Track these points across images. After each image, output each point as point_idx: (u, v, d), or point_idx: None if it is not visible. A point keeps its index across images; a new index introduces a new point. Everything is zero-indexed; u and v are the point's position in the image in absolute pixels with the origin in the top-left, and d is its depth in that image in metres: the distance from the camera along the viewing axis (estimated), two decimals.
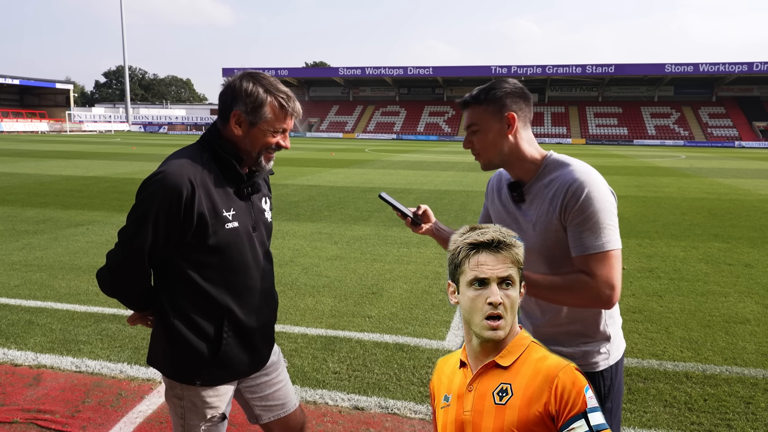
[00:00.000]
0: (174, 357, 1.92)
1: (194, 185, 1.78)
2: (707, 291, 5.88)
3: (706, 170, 23.71)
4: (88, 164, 21.39)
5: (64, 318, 4.80)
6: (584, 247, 1.64)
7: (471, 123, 1.81)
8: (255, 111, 1.83)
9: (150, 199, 1.77)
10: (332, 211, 10.85)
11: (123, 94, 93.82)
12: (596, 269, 1.63)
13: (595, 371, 1.78)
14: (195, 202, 1.77)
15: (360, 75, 72.89)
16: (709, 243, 8.33)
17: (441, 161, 27.50)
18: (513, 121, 1.75)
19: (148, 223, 1.77)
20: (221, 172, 1.88)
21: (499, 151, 1.78)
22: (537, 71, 66.98)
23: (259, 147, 1.88)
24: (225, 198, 1.87)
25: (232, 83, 1.86)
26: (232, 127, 1.86)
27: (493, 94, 1.76)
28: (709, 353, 4.26)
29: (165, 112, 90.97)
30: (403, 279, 6.20)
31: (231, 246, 1.88)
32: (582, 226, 1.64)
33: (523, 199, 1.81)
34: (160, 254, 1.84)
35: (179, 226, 1.78)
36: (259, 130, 1.85)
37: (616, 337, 1.81)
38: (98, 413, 3.28)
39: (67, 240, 7.90)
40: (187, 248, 1.83)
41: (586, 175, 1.67)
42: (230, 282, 1.90)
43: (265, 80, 1.86)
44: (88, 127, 74.22)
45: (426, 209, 2.04)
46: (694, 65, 62.89)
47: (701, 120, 67.30)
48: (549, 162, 1.78)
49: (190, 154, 1.86)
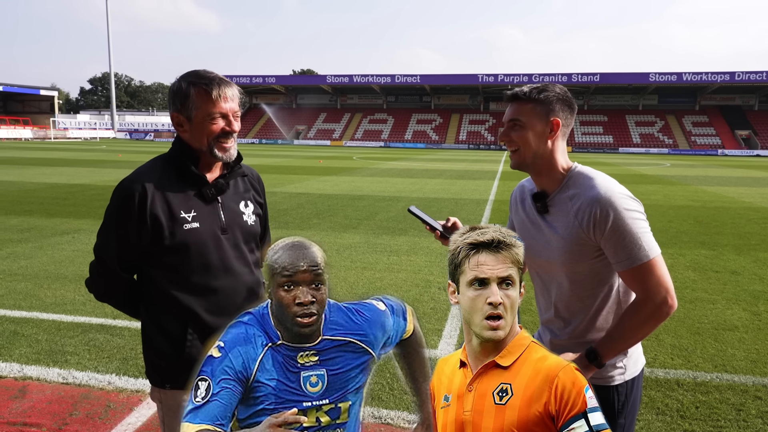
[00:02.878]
0: (149, 361, 2.02)
1: (146, 189, 1.86)
2: (695, 298, 5.93)
3: (691, 178, 24.00)
4: (73, 172, 21.16)
5: (50, 328, 4.72)
6: (629, 262, 1.66)
7: (515, 118, 1.78)
8: (184, 105, 1.89)
9: (109, 209, 1.92)
10: (321, 219, 10.81)
11: (108, 101, 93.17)
12: (645, 280, 1.66)
13: (610, 385, 1.77)
14: (147, 205, 1.85)
15: (347, 83, 73.01)
16: (696, 250, 8.41)
17: (429, 169, 27.57)
18: (557, 128, 1.75)
19: (111, 230, 1.90)
20: (179, 176, 1.94)
21: (534, 152, 1.77)
22: (523, 79, 67.46)
23: (206, 138, 1.90)
24: (183, 200, 1.92)
25: (169, 89, 1.96)
26: (178, 129, 1.94)
27: (546, 96, 1.75)
28: (699, 360, 4.29)
29: (151, 119, 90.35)
30: (393, 287, 6.18)
31: (191, 247, 1.90)
32: (619, 242, 1.66)
33: (548, 210, 1.81)
34: (128, 258, 1.92)
35: (135, 228, 1.86)
36: (197, 121, 1.89)
37: (633, 353, 1.81)
38: (86, 426, 3.22)
39: (53, 249, 7.79)
40: (151, 252, 1.90)
41: (610, 191, 1.68)
42: (194, 283, 1.92)
43: (191, 74, 1.91)
44: (72, 134, 73.42)
45: (455, 221, 2.04)
46: (677, 74, 63.80)
47: (685, 128, 68.18)
48: (573, 174, 1.78)
49: (151, 163, 1.98)
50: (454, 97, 78.35)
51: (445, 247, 5.63)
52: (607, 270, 1.75)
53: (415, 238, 9.05)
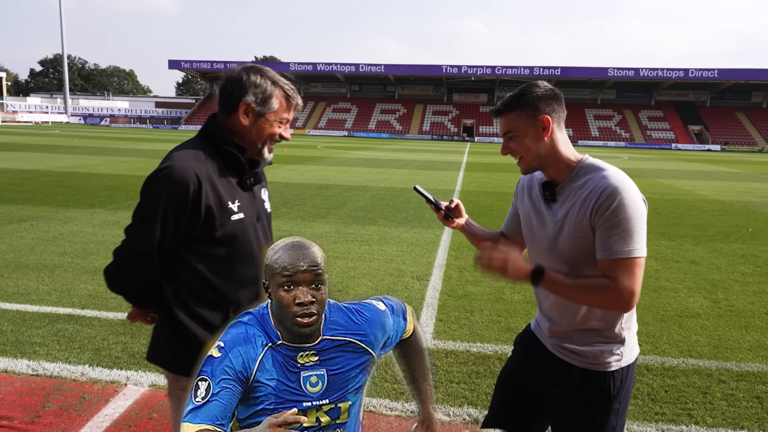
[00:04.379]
0: (179, 350, 1.92)
1: (200, 179, 1.78)
2: (659, 287, 6.15)
3: (648, 171, 24.76)
4: (26, 157, 20.33)
5: (14, 319, 4.55)
6: (611, 251, 1.67)
7: (507, 130, 1.81)
8: (264, 102, 1.87)
9: (157, 196, 1.78)
10: (289, 208, 10.72)
11: (61, 84, 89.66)
12: (620, 274, 1.66)
13: (607, 371, 1.82)
14: (202, 196, 1.78)
15: (311, 71, 72.29)
16: (657, 241, 8.70)
17: (394, 159, 27.61)
18: (548, 124, 1.76)
19: (156, 219, 1.78)
20: (224, 163, 1.89)
21: (537, 154, 1.79)
22: (486, 72, 68.19)
23: (265, 137, 1.91)
24: (230, 190, 1.88)
25: (237, 76, 1.88)
26: (239, 117, 1.88)
27: (526, 99, 1.76)
28: (666, 346, 4.46)
29: (107, 104, 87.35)
30: (367, 277, 6.20)
31: (238, 237, 1.89)
32: (612, 230, 1.66)
33: (555, 199, 1.82)
34: (169, 249, 1.84)
35: (187, 221, 1.79)
36: (266, 120, 1.89)
37: (630, 341, 1.86)
38: (61, 418, 3.13)
39: (10, 236, 7.49)
40: (194, 241, 1.84)
41: (621, 182, 1.69)
42: (238, 273, 1.91)
43: (269, 73, 1.91)
44: (22, 117, 70.50)
45: (458, 204, 2.07)
46: (635, 70, 65.56)
47: (641, 123, 70.23)
48: (584, 165, 1.80)
49: (193, 148, 1.87)
50: (418, 88, 78.52)
51: (416, 237, 5.71)
52: None
53: (385, 227, 9.07)
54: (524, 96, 1.77)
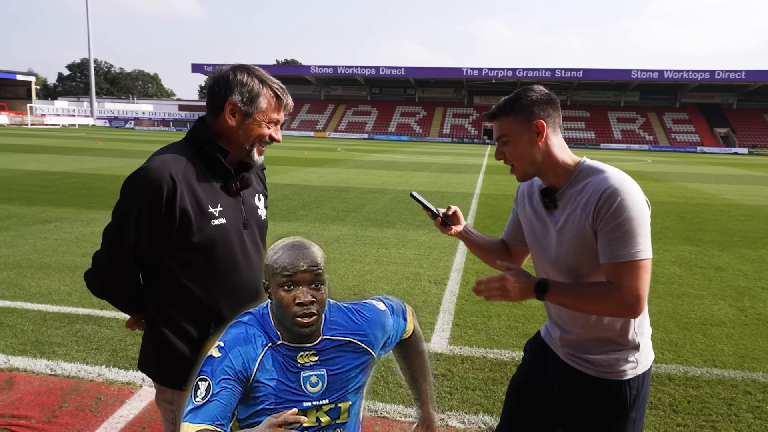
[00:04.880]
0: (161, 361, 1.88)
1: (176, 181, 1.73)
2: (682, 293, 6.01)
3: (672, 174, 24.33)
4: (53, 159, 20.73)
5: (35, 319, 4.61)
6: (614, 255, 1.61)
7: (501, 135, 1.77)
8: (251, 101, 1.79)
9: (131, 197, 1.74)
10: (308, 211, 10.74)
11: (88, 88, 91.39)
12: (624, 279, 1.60)
13: (622, 380, 1.76)
14: (177, 198, 1.72)
15: (332, 74, 72.52)
16: (681, 246, 8.52)
17: (414, 161, 27.56)
18: (542, 129, 1.72)
19: (131, 220, 1.73)
20: (207, 167, 1.83)
21: (532, 160, 1.75)
22: (508, 74, 67.75)
23: (253, 138, 1.84)
24: (211, 194, 1.81)
25: (224, 74, 1.81)
26: (226, 117, 1.80)
27: (520, 104, 1.72)
28: (689, 355, 4.34)
29: (131, 107, 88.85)
30: (384, 280, 6.16)
31: (218, 243, 1.82)
32: (613, 233, 1.61)
33: (556, 206, 1.77)
34: (146, 253, 1.79)
35: (162, 222, 1.73)
36: (254, 120, 1.81)
37: (645, 347, 1.80)
38: (77, 418, 3.15)
39: (35, 237, 7.62)
40: (173, 247, 1.78)
41: (621, 182, 1.64)
42: (218, 282, 1.84)
43: (258, 72, 1.83)
44: (50, 120, 71.99)
45: (456, 210, 2.03)
46: (659, 72, 64.54)
47: (665, 125, 69.09)
48: (582, 168, 1.75)
49: (175, 150, 1.82)
50: (439, 90, 78.34)
51: (434, 241, 5.66)
52: None
53: (403, 230, 9.03)
54: (519, 100, 1.73)
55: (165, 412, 1.94)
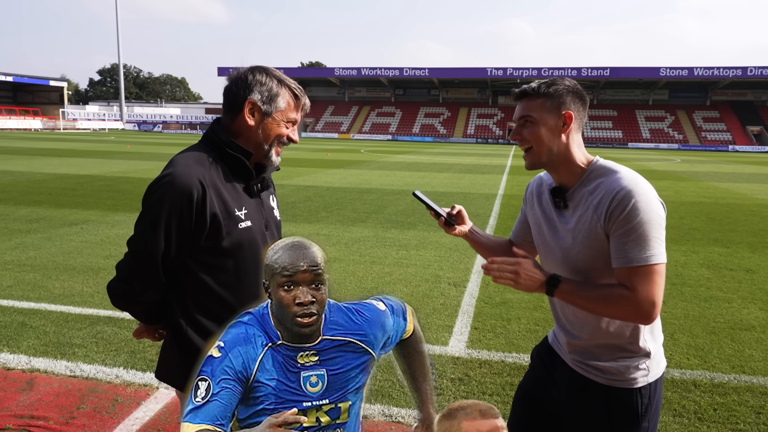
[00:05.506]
0: (188, 368, 1.83)
1: (204, 185, 1.70)
2: (710, 296, 5.83)
3: (702, 174, 23.75)
4: (82, 162, 21.20)
5: (58, 320, 4.69)
6: (627, 259, 1.55)
7: (525, 114, 1.69)
8: (271, 100, 1.79)
9: (159, 204, 1.69)
10: (330, 212, 10.76)
11: (117, 92, 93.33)
12: (638, 283, 1.54)
13: (633, 388, 1.69)
14: (207, 203, 1.70)
15: (355, 75, 72.77)
16: (709, 248, 8.29)
17: (437, 162, 27.44)
18: (570, 121, 1.66)
19: (159, 229, 1.69)
20: (229, 169, 1.81)
21: (549, 148, 1.68)
22: (533, 73, 67.03)
23: (272, 138, 1.83)
24: (236, 196, 1.80)
25: (242, 75, 1.80)
26: (245, 117, 1.79)
27: (555, 89, 1.66)
28: (716, 361, 4.20)
29: (159, 111, 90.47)
30: (403, 282, 6.12)
31: (245, 246, 1.81)
32: (626, 236, 1.55)
33: (566, 206, 1.71)
34: (174, 261, 1.75)
35: (192, 230, 1.71)
36: (273, 120, 1.81)
37: (656, 354, 1.73)
38: (93, 420, 3.18)
39: (61, 239, 7.77)
40: (200, 252, 1.76)
41: (635, 184, 1.57)
42: (247, 285, 1.83)
43: (275, 72, 1.83)
44: (81, 125, 73.65)
45: (460, 210, 1.98)
46: (689, 69, 63.17)
47: (695, 124, 67.58)
48: (595, 168, 1.69)
49: (196, 153, 1.79)
50: (463, 91, 77.95)
51: (455, 242, 5.57)
52: None
53: (424, 232, 8.97)
54: (554, 85, 1.67)
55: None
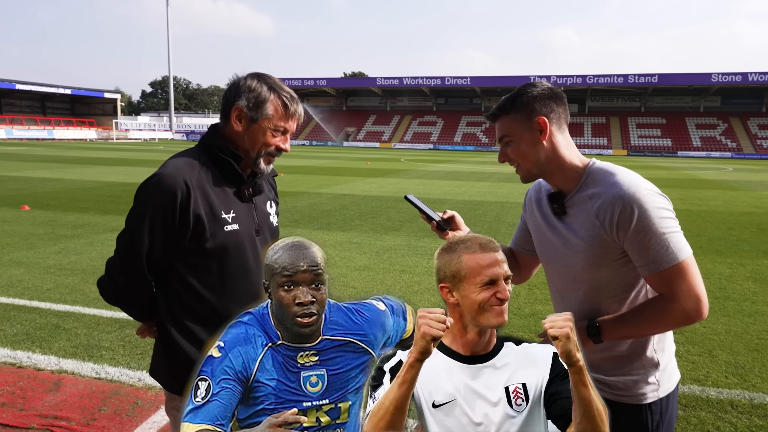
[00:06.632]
0: (171, 368, 1.87)
1: (189, 187, 1.73)
2: (755, 312, 5.53)
3: (755, 183, 22.72)
4: (130, 171, 21.94)
5: (90, 323, 4.82)
6: (656, 265, 1.49)
7: (503, 134, 1.67)
8: (257, 107, 1.78)
9: (145, 203, 1.75)
10: (364, 221, 10.77)
11: (167, 104, 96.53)
12: (674, 285, 1.48)
13: (642, 404, 1.61)
14: (191, 204, 1.72)
15: (397, 85, 73.08)
16: (758, 260, 7.88)
17: (477, 171, 27.19)
18: (545, 126, 1.60)
19: (144, 226, 1.74)
20: (220, 172, 1.83)
21: (536, 160, 1.63)
22: (577, 81, 65.82)
23: (259, 146, 1.82)
24: (224, 199, 1.81)
25: (236, 81, 1.82)
26: (232, 123, 1.80)
27: (520, 100, 1.62)
28: (757, 380, 3.96)
29: (207, 121, 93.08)
30: (431, 291, 6.04)
31: (231, 249, 1.81)
32: (645, 243, 1.49)
33: (565, 212, 1.65)
34: (159, 259, 1.79)
35: (175, 229, 1.73)
36: (260, 127, 1.80)
37: (667, 365, 1.64)
38: (113, 422, 3.24)
39: (102, 245, 8.03)
40: (186, 253, 1.78)
41: (634, 186, 1.51)
42: (230, 287, 1.83)
43: (269, 79, 1.82)
44: (133, 135, 76.46)
45: (453, 215, 1.95)
46: (743, 74, 60.78)
47: (750, 131, 64.82)
48: (591, 171, 1.62)
49: (188, 156, 1.82)
50: None
51: None
52: (632, 274, 1.58)
53: None
54: (518, 97, 1.62)
55: (175, 420, 1.94)
